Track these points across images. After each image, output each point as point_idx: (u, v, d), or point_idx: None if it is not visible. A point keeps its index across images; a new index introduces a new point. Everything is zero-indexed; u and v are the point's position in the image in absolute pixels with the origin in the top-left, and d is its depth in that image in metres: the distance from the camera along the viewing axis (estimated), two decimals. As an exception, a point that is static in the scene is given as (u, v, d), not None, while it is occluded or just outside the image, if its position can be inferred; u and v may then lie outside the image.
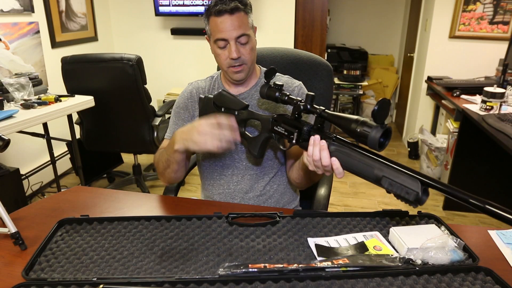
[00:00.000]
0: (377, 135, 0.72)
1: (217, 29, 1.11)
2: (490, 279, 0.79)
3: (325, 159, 0.84)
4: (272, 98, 0.95)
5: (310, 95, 0.88)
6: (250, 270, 0.80)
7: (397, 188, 0.72)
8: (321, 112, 0.86)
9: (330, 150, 0.84)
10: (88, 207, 1.13)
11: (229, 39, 1.10)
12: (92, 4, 3.49)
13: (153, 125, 2.58)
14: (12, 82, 2.14)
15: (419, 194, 0.69)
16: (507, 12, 3.04)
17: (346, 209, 2.76)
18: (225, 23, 1.09)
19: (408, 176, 0.71)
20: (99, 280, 0.79)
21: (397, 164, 0.74)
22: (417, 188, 0.69)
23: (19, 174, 2.37)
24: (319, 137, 0.85)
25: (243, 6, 1.11)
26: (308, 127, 0.90)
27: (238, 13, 1.10)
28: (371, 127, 0.73)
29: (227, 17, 1.09)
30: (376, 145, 0.73)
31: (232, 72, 1.17)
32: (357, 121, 0.76)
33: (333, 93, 1.48)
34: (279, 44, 2.64)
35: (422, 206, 0.74)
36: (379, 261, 0.83)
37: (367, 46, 4.70)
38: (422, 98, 3.45)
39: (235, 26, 1.10)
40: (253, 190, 1.24)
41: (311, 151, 0.86)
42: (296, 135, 0.92)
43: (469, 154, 2.53)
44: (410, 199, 0.70)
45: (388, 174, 0.74)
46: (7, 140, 0.92)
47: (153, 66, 3.68)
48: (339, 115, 0.82)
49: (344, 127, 0.79)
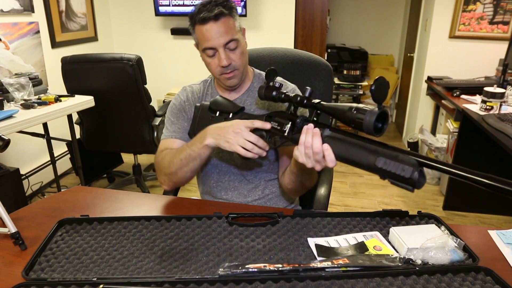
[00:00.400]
0: (372, 119, 0.70)
1: (204, 38, 1.07)
2: (490, 279, 0.79)
3: (317, 144, 0.81)
4: (270, 98, 0.93)
5: (308, 89, 0.87)
6: (250, 270, 0.80)
7: (392, 166, 0.69)
8: (316, 104, 0.85)
9: (323, 137, 0.82)
10: (88, 207, 1.13)
11: (217, 47, 1.07)
12: (92, 4, 3.49)
13: (153, 125, 2.58)
14: (12, 82, 2.14)
15: (415, 172, 0.66)
16: (507, 12, 3.04)
17: (346, 209, 2.76)
18: (211, 30, 1.05)
19: (404, 155, 0.69)
20: (99, 280, 0.79)
21: (393, 147, 0.73)
22: (414, 164, 0.67)
23: (19, 174, 2.37)
24: (313, 125, 0.84)
25: (227, 11, 1.07)
26: (302, 118, 0.88)
27: (223, 18, 1.06)
28: (365, 112, 0.71)
29: (212, 24, 1.05)
30: (371, 130, 0.71)
31: (224, 78, 1.14)
32: (351, 108, 0.75)
33: (333, 93, 1.48)
34: (279, 44, 2.64)
35: (422, 206, 0.73)
36: (379, 261, 0.83)
37: (367, 46, 4.70)
38: (422, 98, 3.45)
39: (222, 33, 1.06)
40: (251, 195, 1.24)
41: (303, 138, 0.84)
42: (289, 126, 0.90)
43: (469, 154, 2.53)
44: (407, 176, 0.67)
45: (383, 153, 0.71)
46: (7, 140, 0.92)
47: (153, 66, 3.68)
48: (334, 105, 0.81)
49: (340, 117, 0.78)
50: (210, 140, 1.01)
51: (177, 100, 1.25)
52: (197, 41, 1.12)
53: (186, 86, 1.29)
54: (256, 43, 1.78)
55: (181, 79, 3.80)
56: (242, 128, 0.96)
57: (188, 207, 1.13)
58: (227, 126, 0.98)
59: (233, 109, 1.06)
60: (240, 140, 0.95)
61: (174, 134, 1.21)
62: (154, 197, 1.20)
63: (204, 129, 1.04)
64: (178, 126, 1.22)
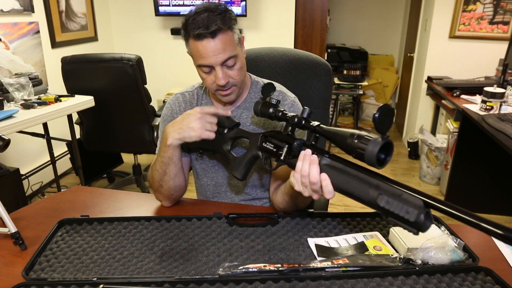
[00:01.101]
0: (374, 150, 0.64)
1: (199, 55, 0.98)
2: (490, 279, 0.79)
3: (314, 174, 0.75)
4: (266, 115, 0.88)
5: (306, 109, 0.81)
6: (250, 270, 0.80)
7: (396, 206, 0.62)
8: (315, 127, 0.79)
9: (321, 165, 0.76)
10: (88, 207, 1.13)
11: (214, 65, 0.98)
12: (92, 4, 3.49)
13: (153, 125, 2.58)
14: (12, 82, 2.14)
15: (421, 215, 0.59)
16: (507, 12, 3.04)
17: (346, 209, 2.76)
18: (207, 48, 0.96)
19: (409, 194, 0.62)
20: (99, 280, 0.79)
21: (397, 183, 0.65)
22: (419, 206, 0.60)
23: (19, 174, 2.37)
24: (310, 152, 0.78)
25: (226, 25, 0.96)
26: (300, 141, 0.83)
27: (221, 35, 0.95)
28: (369, 141, 0.65)
29: (209, 41, 0.95)
30: (374, 161, 0.64)
31: (220, 95, 1.06)
32: (353, 135, 0.68)
33: (332, 93, 1.48)
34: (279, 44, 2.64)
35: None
36: (379, 261, 0.83)
37: (367, 46, 4.70)
38: (422, 98, 3.45)
39: (219, 51, 0.96)
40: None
41: (300, 165, 0.78)
42: (286, 150, 0.85)
43: (469, 154, 2.53)
44: (411, 220, 0.60)
45: (385, 190, 0.65)
46: (7, 140, 0.92)
47: (153, 66, 3.68)
48: (334, 129, 0.74)
49: (339, 143, 0.71)
50: (172, 139, 0.99)
51: (169, 110, 1.19)
52: (191, 54, 1.02)
53: (178, 94, 1.21)
54: (255, 43, 1.78)
55: (181, 79, 3.80)
56: (203, 112, 0.96)
57: (188, 208, 1.13)
58: (186, 117, 0.97)
59: (228, 124, 1.01)
60: (207, 125, 0.95)
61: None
62: (154, 197, 1.20)
63: (164, 130, 1.03)
64: None
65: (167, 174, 1.06)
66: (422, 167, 3.18)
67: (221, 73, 0.99)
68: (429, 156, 3.09)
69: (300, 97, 1.22)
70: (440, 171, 3.03)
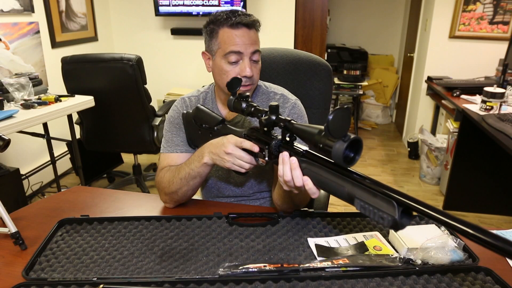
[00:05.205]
0: (340, 149, 0.61)
1: (232, 41, 1.03)
2: (490, 279, 0.79)
3: (297, 179, 0.74)
4: (239, 110, 0.89)
5: (272, 105, 0.79)
6: (250, 270, 0.80)
7: (370, 212, 0.60)
8: (285, 124, 0.77)
9: (302, 168, 0.74)
10: (88, 207, 1.13)
11: (244, 53, 1.04)
12: (92, 4, 3.49)
13: (153, 125, 2.58)
14: (12, 82, 2.14)
15: (395, 219, 0.56)
16: (507, 12, 3.04)
17: (346, 209, 2.76)
18: (243, 36, 1.03)
19: (381, 198, 0.58)
20: (99, 280, 0.79)
21: (373, 182, 0.61)
22: (393, 212, 0.56)
23: (19, 174, 2.38)
24: (288, 154, 0.76)
25: (259, 24, 1.08)
26: (276, 142, 0.81)
27: (254, 29, 1.06)
28: (334, 140, 0.62)
29: (245, 30, 1.03)
30: (341, 159, 0.61)
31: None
32: (320, 132, 0.65)
33: (332, 93, 1.48)
34: (279, 44, 2.64)
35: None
36: (379, 261, 0.83)
37: (367, 46, 4.70)
38: (422, 98, 3.45)
39: (253, 41, 1.04)
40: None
41: (281, 170, 0.77)
42: (267, 151, 0.83)
43: (469, 154, 2.53)
44: (385, 225, 0.57)
45: (359, 195, 0.61)
46: (7, 140, 0.92)
47: (153, 66, 3.68)
48: (302, 126, 0.72)
49: (308, 141, 0.69)
50: (207, 159, 0.99)
51: (176, 112, 1.19)
52: (218, 46, 1.06)
53: (184, 97, 1.22)
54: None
55: (181, 79, 3.80)
56: (233, 148, 0.92)
57: (188, 207, 1.13)
58: (220, 146, 0.94)
59: (214, 121, 1.01)
60: (236, 161, 0.92)
61: (177, 148, 1.16)
62: (154, 197, 1.20)
63: (201, 147, 1.02)
64: (180, 139, 1.16)
65: (189, 185, 1.06)
66: (422, 167, 3.18)
67: (248, 63, 1.05)
68: (429, 156, 3.09)
69: (301, 97, 1.22)
70: (440, 171, 3.03)
